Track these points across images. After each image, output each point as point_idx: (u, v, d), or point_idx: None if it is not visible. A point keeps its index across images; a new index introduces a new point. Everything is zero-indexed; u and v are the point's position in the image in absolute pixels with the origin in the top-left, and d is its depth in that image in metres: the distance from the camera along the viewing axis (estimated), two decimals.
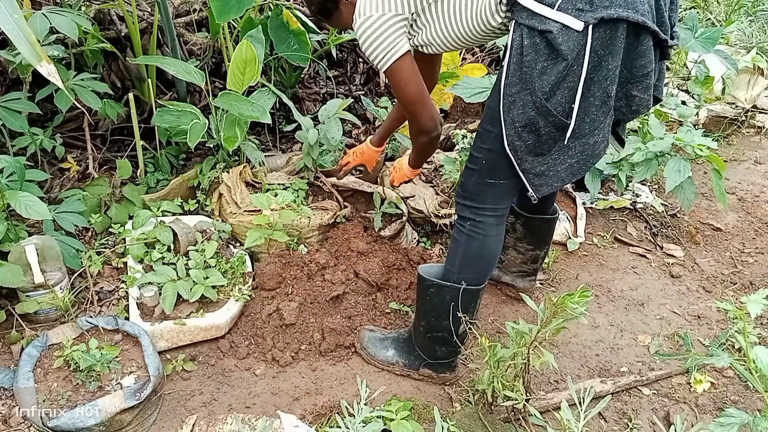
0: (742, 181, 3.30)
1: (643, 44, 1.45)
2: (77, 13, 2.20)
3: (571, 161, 1.56)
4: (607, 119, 1.53)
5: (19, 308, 1.95)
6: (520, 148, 1.56)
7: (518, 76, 1.49)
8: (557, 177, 1.59)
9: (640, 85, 1.52)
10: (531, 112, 1.49)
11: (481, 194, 1.72)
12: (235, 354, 2.01)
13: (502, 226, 1.80)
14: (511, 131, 1.55)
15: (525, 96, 1.49)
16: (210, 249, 2.14)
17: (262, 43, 2.36)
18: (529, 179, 1.60)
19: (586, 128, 1.51)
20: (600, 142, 1.55)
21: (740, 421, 1.40)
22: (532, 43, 1.44)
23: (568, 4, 1.39)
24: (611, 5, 1.37)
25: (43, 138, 2.35)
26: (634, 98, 1.55)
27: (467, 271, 1.76)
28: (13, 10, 1.27)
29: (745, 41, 4.45)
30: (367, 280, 2.17)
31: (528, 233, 2.16)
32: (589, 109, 1.48)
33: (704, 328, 2.30)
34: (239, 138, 2.22)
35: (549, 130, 1.51)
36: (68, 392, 1.72)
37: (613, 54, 1.42)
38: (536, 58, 1.44)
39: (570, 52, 1.40)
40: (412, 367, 1.97)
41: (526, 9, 1.45)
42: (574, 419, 1.47)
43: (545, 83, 1.45)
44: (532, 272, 2.27)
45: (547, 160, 1.57)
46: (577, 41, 1.39)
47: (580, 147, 1.54)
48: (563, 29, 1.40)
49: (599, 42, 1.40)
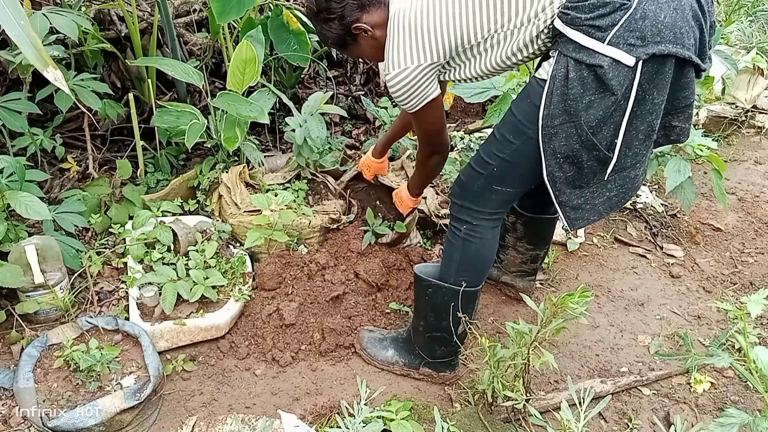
0: (742, 182, 3.30)
1: (687, 77, 1.45)
2: (77, 14, 2.20)
3: (609, 194, 1.55)
4: (648, 153, 1.52)
5: (19, 308, 1.95)
6: (560, 179, 1.53)
7: (562, 108, 1.45)
8: (594, 210, 1.57)
9: (681, 115, 1.51)
10: (575, 145, 1.47)
11: (483, 199, 1.69)
12: (235, 354, 2.01)
13: (498, 230, 1.78)
14: (552, 162, 1.52)
15: (569, 129, 1.46)
16: (210, 249, 2.14)
17: (262, 43, 2.36)
18: (566, 212, 1.57)
19: (628, 162, 1.50)
20: (640, 175, 1.54)
21: (740, 422, 1.40)
22: (578, 77, 1.41)
23: (620, 39, 1.36)
24: (662, 41, 1.35)
25: (43, 138, 2.35)
26: (675, 128, 1.54)
27: (464, 274, 1.75)
28: (19, 16, 1.27)
29: (745, 41, 4.45)
30: (367, 280, 2.17)
31: (528, 233, 2.16)
32: (632, 143, 1.47)
33: (704, 329, 2.30)
34: (239, 138, 2.22)
35: (591, 163, 1.49)
36: (68, 392, 1.72)
37: (659, 88, 1.41)
38: (583, 92, 1.41)
39: (620, 87, 1.38)
40: (412, 367, 1.96)
41: (573, 41, 1.41)
42: (574, 419, 1.47)
43: (592, 117, 1.42)
44: (532, 272, 2.27)
45: (585, 193, 1.55)
46: (627, 76, 1.37)
47: (620, 180, 1.52)
48: (614, 64, 1.37)
49: (646, 77, 1.38)
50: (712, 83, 3.54)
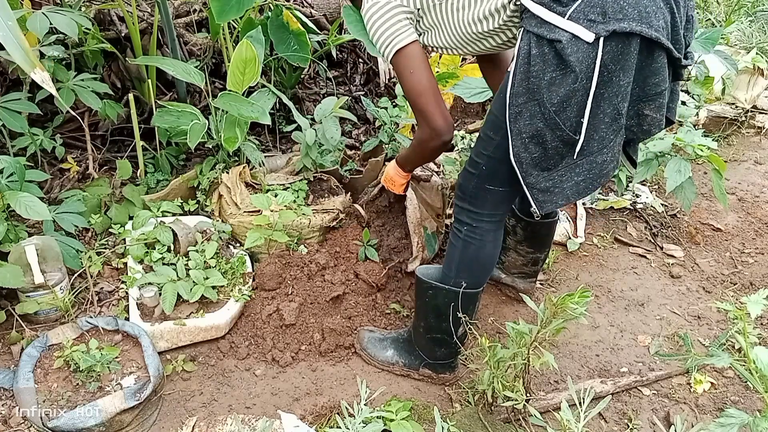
0: (742, 182, 3.30)
1: (657, 61, 1.41)
2: (77, 13, 2.20)
3: (577, 179, 1.51)
4: (617, 138, 1.48)
5: (19, 309, 1.95)
6: (526, 160, 1.51)
7: (525, 86, 1.44)
8: (562, 194, 1.54)
9: (652, 104, 1.47)
10: (539, 124, 1.45)
11: (479, 199, 1.69)
12: (235, 354, 2.01)
13: (500, 231, 1.77)
14: (518, 142, 1.50)
15: (533, 107, 1.44)
16: (210, 249, 2.14)
17: (262, 43, 2.36)
18: (534, 195, 1.55)
19: (594, 146, 1.47)
20: (609, 161, 1.50)
21: (740, 422, 1.40)
22: (540, 53, 1.39)
23: (580, 14, 1.34)
24: (625, 18, 1.32)
25: (43, 138, 2.35)
26: (646, 117, 1.50)
27: (464, 275, 1.75)
28: (7, 16, 1.25)
29: (745, 41, 4.45)
30: (367, 280, 2.17)
31: (528, 236, 2.16)
32: (598, 126, 1.44)
33: (704, 329, 2.30)
34: (239, 138, 2.22)
35: (556, 144, 1.46)
36: (68, 393, 1.72)
37: (624, 69, 1.37)
38: (544, 68, 1.39)
39: (578, 63, 1.35)
40: (412, 367, 1.96)
41: (536, 17, 1.40)
42: (574, 419, 1.47)
43: (554, 95, 1.40)
44: (533, 274, 2.27)
45: (553, 176, 1.52)
46: (587, 53, 1.34)
47: (587, 165, 1.49)
48: (573, 40, 1.34)
49: (610, 56, 1.35)
50: (712, 83, 3.54)
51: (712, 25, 4.62)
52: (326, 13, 3.28)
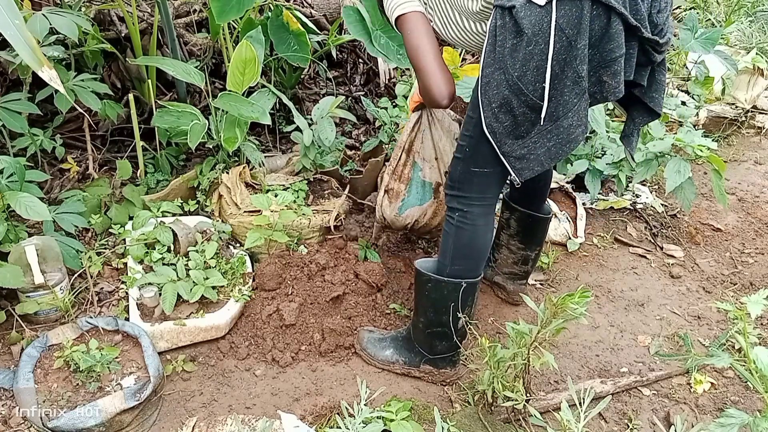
0: (742, 182, 3.30)
1: (613, 27, 1.43)
2: (77, 14, 2.20)
3: (549, 144, 1.56)
4: (581, 102, 1.51)
5: (19, 309, 1.95)
6: (498, 129, 1.56)
7: (492, 57, 1.50)
8: (537, 160, 1.58)
9: (609, 70, 1.49)
10: (505, 91, 1.50)
11: (467, 183, 1.73)
12: (235, 355, 2.01)
13: (491, 217, 1.80)
14: (489, 113, 1.55)
15: (498, 75, 1.49)
16: (210, 250, 2.14)
17: (262, 43, 2.36)
18: (511, 162, 1.60)
19: (560, 110, 1.50)
20: (575, 125, 1.52)
21: (740, 422, 1.40)
22: (503, 23, 1.46)
23: None
24: None
25: (43, 139, 2.35)
26: (605, 84, 1.52)
27: (459, 263, 1.77)
28: (14, 15, 1.26)
29: (744, 42, 4.45)
30: (367, 280, 2.17)
31: (520, 230, 2.16)
32: (562, 90, 1.48)
33: (704, 329, 2.30)
34: (239, 139, 2.22)
35: (523, 110, 1.51)
36: (68, 393, 1.72)
37: (581, 33, 1.41)
38: (505, 36, 1.45)
39: (531, 27, 1.40)
40: (413, 365, 1.96)
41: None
42: (574, 420, 1.47)
43: (515, 61, 1.45)
44: (523, 275, 2.27)
45: (527, 143, 1.57)
46: (540, 17, 1.40)
47: (556, 130, 1.53)
48: (526, 4, 1.40)
49: (565, 20, 1.39)
50: (712, 84, 3.55)
51: (712, 25, 4.62)
52: (326, 13, 3.28)
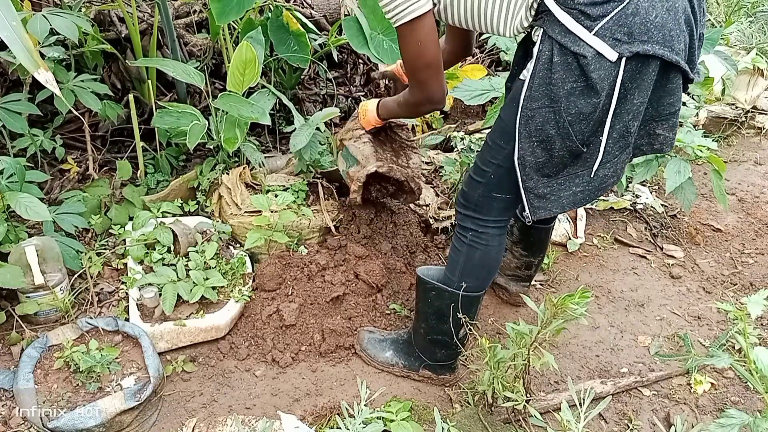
0: (742, 182, 3.30)
1: (673, 82, 1.41)
2: (77, 15, 2.20)
3: (576, 189, 1.52)
4: (623, 155, 1.49)
5: (19, 309, 1.95)
6: (530, 164, 1.51)
7: (543, 91, 1.41)
8: (558, 203, 1.54)
9: (666, 123, 1.48)
10: (551, 131, 1.44)
11: (486, 206, 1.69)
12: (235, 355, 2.01)
13: (504, 236, 1.77)
14: (525, 144, 1.49)
15: (548, 113, 1.43)
16: (210, 250, 2.14)
17: (262, 44, 2.36)
18: (530, 199, 1.55)
19: (599, 159, 1.47)
20: (610, 176, 1.50)
21: (740, 422, 1.40)
22: (563, 61, 1.37)
23: (607, 32, 1.32)
24: (649, 41, 1.31)
25: (43, 139, 2.35)
26: (659, 137, 1.51)
27: (468, 279, 1.74)
28: (11, 17, 1.26)
29: (744, 42, 4.45)
30: (367, 281, 2.17)
31: (524, 238, 2.15)
32: (606, 141, 1.44)
33: (704, 329, 2.30)
34: (239, 139, 2.22)
35: (563, 154, 1.47)
36: (68, 393, 1.72)
37: (640, 89, 1.37)
38: (565, 78, 1.37)
39: (600, 81, 1.34)
40: (412, 369, 1.96)
41: (559, 23, 1.36)
42: (574, 420, 1.47)
43: (572, 105, 1.39)
44: (526, 278, 2.26)
45: (552, 183, 1.52)
46: (609, 72, 1.34)
47: (587, 177, 1.50)
48: (597, 56, 1.33)
49: (628, 75, 1.34)
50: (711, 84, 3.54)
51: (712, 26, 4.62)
52: (326, 13, 3.28)
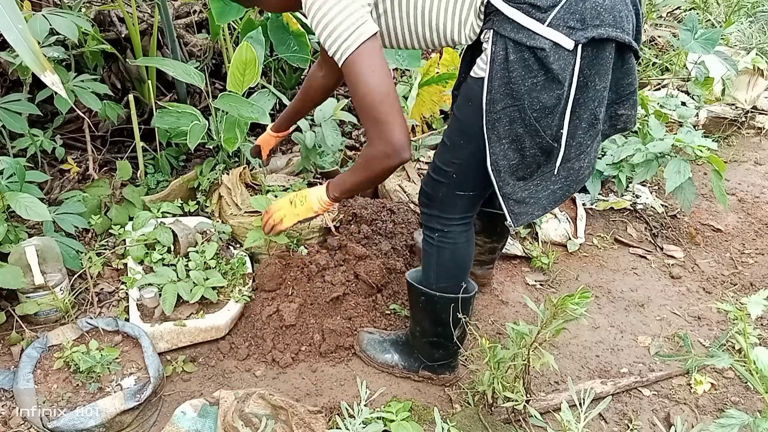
0: (742, 182, 3.30)
1: (629, 63, 1.42)
2: (77, 15, 2.20)
3: (554, 187, 1.48)
4: (594, 144, 1.46)
5: (19, 309, 1.95)
6: (504, 168, 1.47)
7: (504, 92, 1.39)
8: (539, 205, 1.50)
9: (627, 102, 1.48)
10: (519, 129, 1.41)
11: (450, 205, 1.65)
12: (235, 355, 2.01)
13: (471, 231, 1.74)
14: (497, 149, 1.45)
15: (513, 112, 1.40)
16: (210, 250, 2.14)
17: (262, 44, 2.36)
18: (509, 206, 1.51)
19: (572, 153, 1.44)
20: (585, 167, 1.48)
21: (741, 422, 1.40)
22: (519, 58, 1.35)
23: (560, 21, 1.31)
24: (602, 24, 1.32)
25: (44, 139, 2.35)
26: (621, 117, 1.50)
27: (444, 280, 1.73)
28: (17, 20, 1.26)
29: (744, 42, 4.45)
30: (367, 281, 2.17)
31: (485, 227, 2.14)
32: (575, 132, 1.41)
33: (704, 329, 2.30)
34: (239, 139, 2.23)
35: (534, 152, 1.44)
36: (68, 393, 1.72)
37: (600, 74, 1.37)
38: (525, 75, 1.35)
39: (561, 71, 1.33)
40: (412, 369, 1.96)
41: (510, 20, 1.34)
42: (574, 420, 1.47)
43: (535, 101, 1.37)
44: (489, 262, 2.26)
45: (529, 185, 1.49)
46: (567, 60, 1.33)
47: (564, 172, 1.46)
48: (554, 47, 1.32)
49: (586, 62, 1.34)
50: (711, 84, 3.54)
51: (712, 26, 4.62)
52: None
